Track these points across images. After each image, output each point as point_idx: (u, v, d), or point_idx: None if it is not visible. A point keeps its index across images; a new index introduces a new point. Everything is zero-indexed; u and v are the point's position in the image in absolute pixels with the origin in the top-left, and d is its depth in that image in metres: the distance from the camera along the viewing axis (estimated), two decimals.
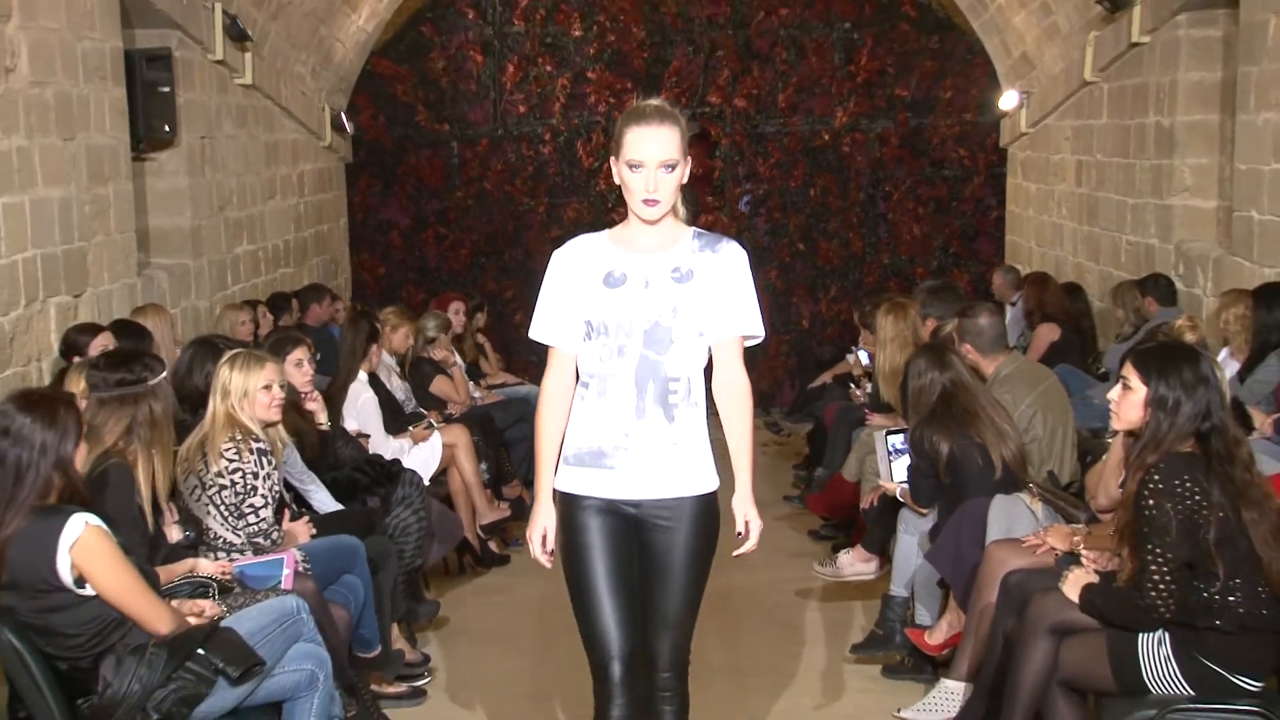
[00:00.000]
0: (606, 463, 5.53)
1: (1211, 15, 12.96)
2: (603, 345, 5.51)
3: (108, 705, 5.67)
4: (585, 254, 5.64)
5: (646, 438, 5.49)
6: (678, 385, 5.50)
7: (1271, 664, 5.82)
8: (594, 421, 5.55)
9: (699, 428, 5.60)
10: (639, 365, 5.47)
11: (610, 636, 5.49)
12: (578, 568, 5.58)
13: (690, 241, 5.61)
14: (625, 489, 5.53)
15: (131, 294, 11.80)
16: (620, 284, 5.53)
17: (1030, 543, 7.14)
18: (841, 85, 19.11)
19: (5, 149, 9.73)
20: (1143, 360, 6.08)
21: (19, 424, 5.78)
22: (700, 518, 5.59)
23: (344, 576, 7.60)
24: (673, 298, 5.49)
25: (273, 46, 15.42)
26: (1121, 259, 14.70)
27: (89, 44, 11.06)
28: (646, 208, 5.46)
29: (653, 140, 5.40)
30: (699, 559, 5.63)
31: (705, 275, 5.54)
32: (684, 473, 5.55)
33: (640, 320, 5.46)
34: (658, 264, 5.54)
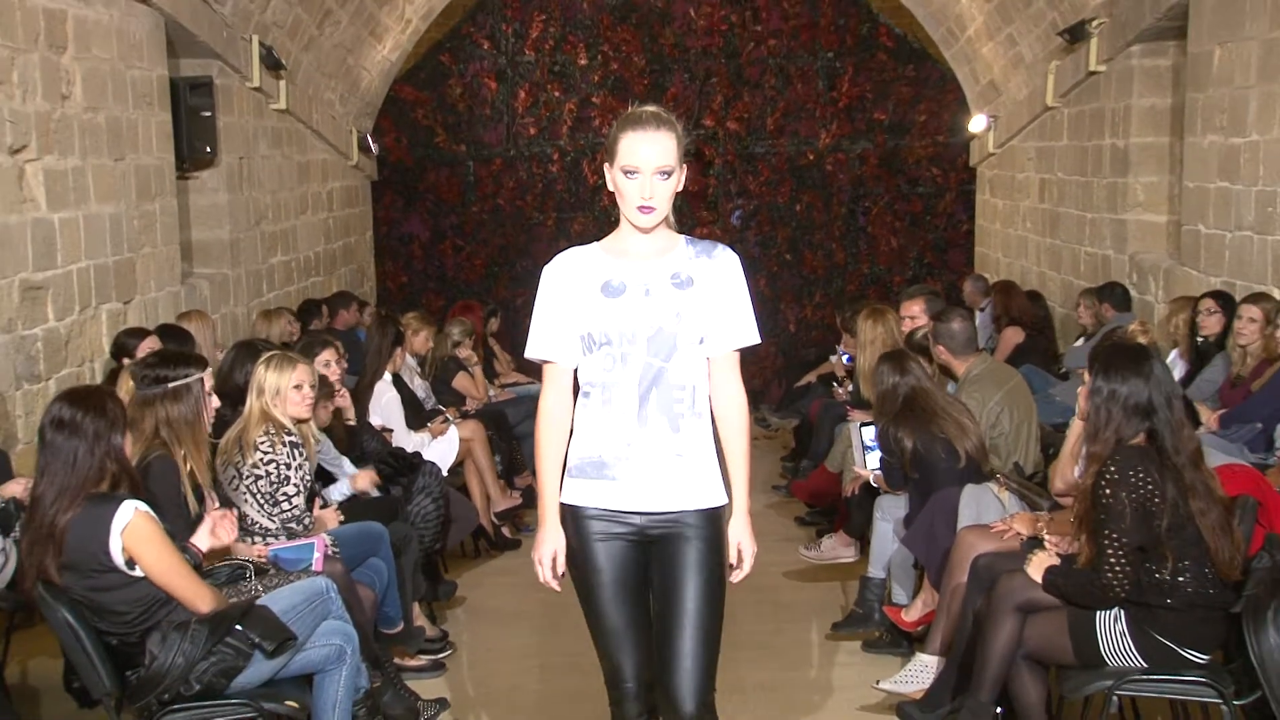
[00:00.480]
0: (608, 473, 4.99)
1: (1162, 46, 12.99)
2: (605, 355, 4.97)
3: (154, 677, 5.67)
4: (579, 267, 5.07)
5: (649, 448, 4.95)
6: (683, 394, 4.98)
7: (1217, 639, 5.82)
8: (596, 430, 5.01)
9: (705, 440, 5.06)
10: (642, 372, 4.93)
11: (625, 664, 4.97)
12: (587, 594, 5.05)
13: (685, 248, 5.11)
14: (626, 500, 4.97)
15: (176, 301, 11.82)
16: (620, 293, 4.97)
17: (998, 528, 7.16)
18: (825, 110, 19.13)
19: (62, 169, 9.76)
20: (1093, 357, 6.13)
21: (73, 416, 5.79)
22: (707, 534, 5.03)
23: (369, 559, 7.60)
24: (675, 303, 4.96)
25: (305, 75, 15.42)
26: (1081, 269, 14.71)
27: (137, 73, 11.07)
28: (641, 215, 4.94)
29: (649, 146, 4.89)
30: (710, 579, 5.02)
31: (704, 282, 5.04)
32: (688, 485, 5.00)
33: (644, 327, 4.92)
34: (656, 271, 5.02)
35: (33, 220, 9.42)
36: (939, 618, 7.30)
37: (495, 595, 9.91)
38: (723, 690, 4.44)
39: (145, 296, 11.25)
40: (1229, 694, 5.76)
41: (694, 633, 4.95)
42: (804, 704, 7.69)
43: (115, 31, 10.66)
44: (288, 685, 5.95)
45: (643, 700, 4.99)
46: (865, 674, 7.90)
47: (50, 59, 9.65)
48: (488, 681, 8.15)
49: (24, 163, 9.30)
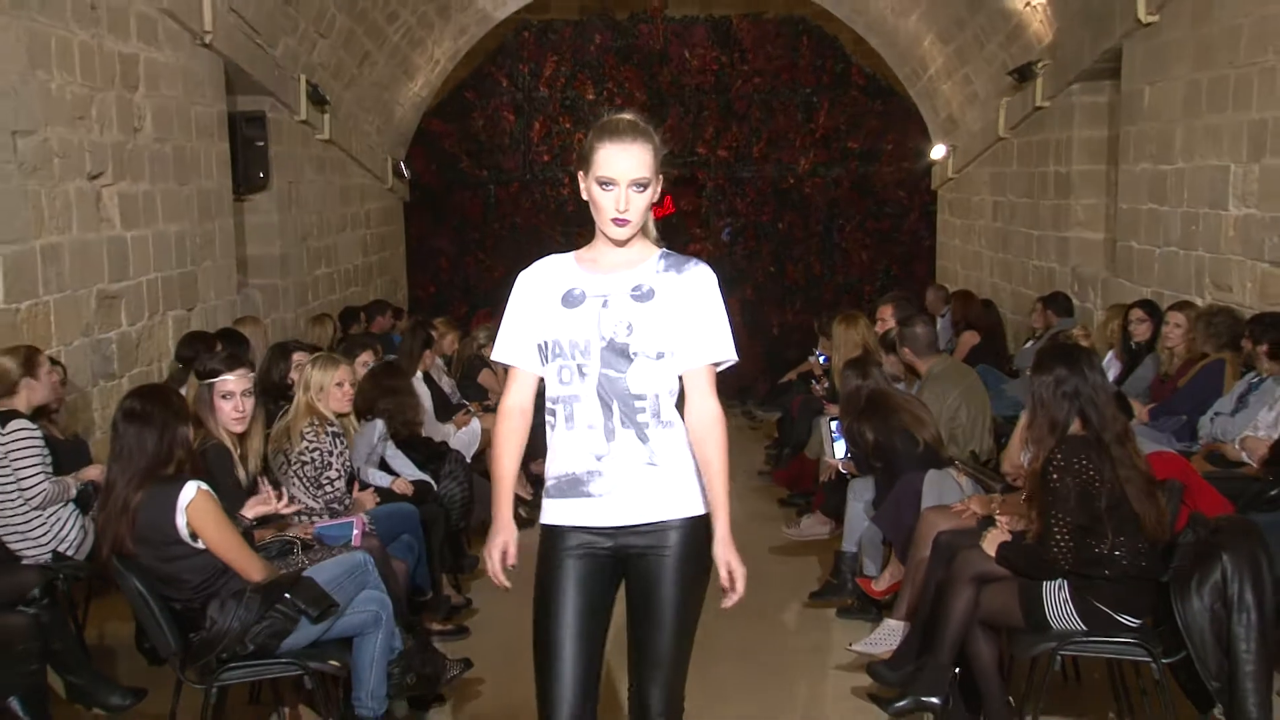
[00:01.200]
0: (583, 490, 4.42)
1: (1099, 85, 13.03)
2: (560, 366, 4.43)
3: (213, 638, 5.68)
4: (548, 274, 4.58)
5: (620, 460, 4.38)
6: (644, 404, 4.37)
7: (1148, 606, 5.82)
8: (565, 449, 4.45)
9: (678, 448, 4.44)
10: (599, 384, 4.37)
11: (562, 694, 4.36)
12: (543, 616, 4.48)
13: (655, 261, 4.52)
14: (604, 515, 4.40)
15: (232, 308, 11.84)
16: (579, 302, 4.43)
17: (956, 509, 7.18)
18: (804, 139, 19.15)
19: (134, 192, 9.80)
20: (1035, 356, 6.15)
21: (143, 409, 5.81)
22: (687, 543, 4.45)
23: (402, 536, 7.61)
24: (628, 314, 4.37)
25: (346, 109, 15.43)
26: (1029, 280, 14.71)
27: (200, 108, 11.10)
28: (615, 227, 4.42)
29: (625, 158, 4.37)
30: (687, 589, 4.45)
31: (667, 296, 4.42)
32: (665, 495, 4.41)
33: (595, 338, 4.36)
34: (619, 282, 4.45)
35: (108, 238, 9.44)
36: (905, 587, 7.30)
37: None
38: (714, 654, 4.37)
39: (206, 304, 11.27)
40: (1158, 654, 5.77)
41: (670, 645, 4.40)
42: (786, 664, 7.69)
43: (181, 72, 10.69)
44: (330, 646, 5.96)
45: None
46: (840, 637, 7.91)
47: (124, 97, 9.67)
48: (506, 644, 8.15)
49: (101, 188, 9.33)
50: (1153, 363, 9.99)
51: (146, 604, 5.69)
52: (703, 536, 4.48)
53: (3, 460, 7.08)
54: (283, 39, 12.91)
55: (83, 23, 9.07)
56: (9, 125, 8.14)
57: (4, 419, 7.12)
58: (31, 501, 7.13)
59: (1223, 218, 10.01)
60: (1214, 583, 5.60)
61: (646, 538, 4.42)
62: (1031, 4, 13.29)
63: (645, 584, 4.43)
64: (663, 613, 4.39)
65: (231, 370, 6.59)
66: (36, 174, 8.45)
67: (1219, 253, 10.09)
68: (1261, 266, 9.45)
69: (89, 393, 9.18)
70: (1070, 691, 6.95)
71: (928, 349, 9.23)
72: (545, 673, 4.39)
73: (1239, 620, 5.54)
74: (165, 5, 10.21)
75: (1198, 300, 10.17)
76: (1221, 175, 10.01)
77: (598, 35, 19.03)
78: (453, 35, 17.65)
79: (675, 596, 4.41)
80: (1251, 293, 9.58)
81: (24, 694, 5.79)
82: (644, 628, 4.41)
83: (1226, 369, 9.04)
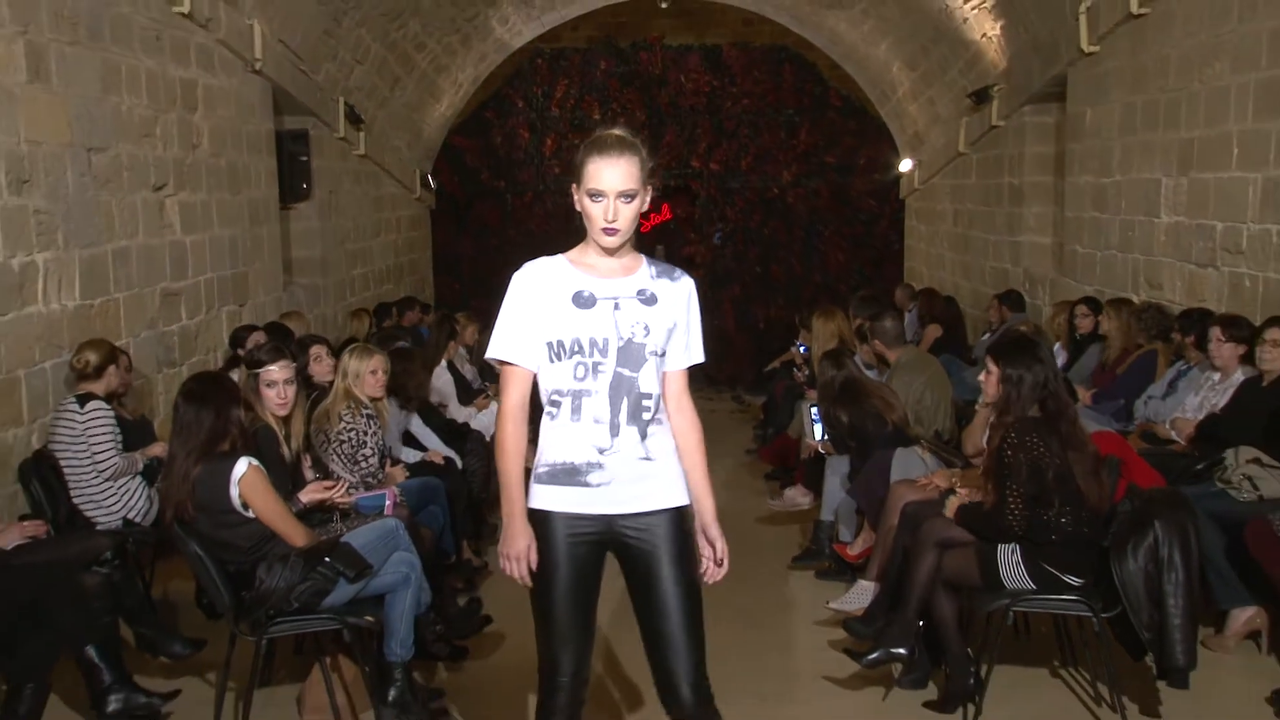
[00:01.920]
0: (580, 479, 4.26)
1: (1047, 107, 13.06)
2: (576, 364, 4.25)
3: (263, 596, 5.70)
4: (548, 276, 4.37)
5: (621, 454, 4.25)
6: (649, 402, 4.28)
7: (1090, 567, 5.84)
8: (566, 440, 4.29)
9: (669, 443, 4.36)
10: (613, 382, 4.24)
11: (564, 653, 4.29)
12: (543, 590, 4.32)
13: (647, 268, 4.41)
14: (600, 504, 4.26)
15: (279, 304, 11.87)
16: (591, 304, 4.26)
17: (922, 482, 7.19)
18: (786, 154, 19.13)
19: (193, 201, 9.84)
20: (996, 351, 6.14)
21: (201, 392, 5.85)
22: (679, 528, 4.34)
23: (429, 506, 7.62)
24: (643, 317, 4.27)
25: (379, 127, 15.44)
26: (986, 279, 14.72)
27: (251, 127, 11.12)
28: (606, 236, 4.28)
29: (612, 171, 4.25)
30: (686, 569, 4.34)
31: (666, 301, 4.34)
32: (659, 487, 4.30)
33: (614, 338, 4.23)
34: (623, 287, 4.32)
35: (170, 242, 9.48)
36: (876, 552, 7.32)
37: None
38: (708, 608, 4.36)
39: (255, 301, 11.29)
40: (1097, 609, 5.79)
41: (681, 623, 4.28)
42: (770, 621, 7.70)
43: (234, 95, 10.72)
44: (366, 603, 5.97)
45: (573, 694, 4.32)
46: (818, 597, 7.92)
47: (185, 117, 9.71)
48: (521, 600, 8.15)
49: (164, 198, 9.36)
50: (1095, 352, 10.02)
51: (204, 565, 5.73)
52: (688, 523, 4.38)
53: (80, 437, 7.21)
54: (324, 65, 12.92)
55: (149, 52, 9.10)
56: (85, 143, 8.18)
57: (83, 400, 7.27)
58: (104, 473, 7.26)
59: (1155, 224, 10.04)
60: (1147, 546, 5.62)
61: (637, 526, 4.29)
62: (988, 35, 13.29)
63: (646, 578, 4.32)
64: (669, 599, 4.28)
65: (275, 362, 6.60)
66: (108, 186, 8.48)
67: (1152, 255, 10.12)
68: (1189, 268, 9.48)
69: (153, 379, 9.21)
70: (1021, 643, 6.98)
71: (896, 340, 9.26)
72: (548, 638, 4.32)
73: (1169, 579, 5.57)
74: (221, 36, 10.24)
75: (1134, 298, 10.20)
76: (1154, 187, 10.04)
77: (603, 61, 19.01)
78: (474, 62, 17.67)
79: (678, 577, 4.31)
80: (1181, 291, 9.61)
81: (100, 643, 5.83)
82: (657, 618, 4.29)
83: (1159, 358, 9.08)
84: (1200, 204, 9.30)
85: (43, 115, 7.69)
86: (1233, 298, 8.82)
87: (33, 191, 7.54)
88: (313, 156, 13.08)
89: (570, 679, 4.30)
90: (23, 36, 7.44)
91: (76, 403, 7.29)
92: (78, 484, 7.27)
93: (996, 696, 6.06)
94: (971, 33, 13.61)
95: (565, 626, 4.29)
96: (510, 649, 7.18)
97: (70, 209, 7.99)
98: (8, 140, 7.30)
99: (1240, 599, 6.68)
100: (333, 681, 6.04)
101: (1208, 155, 9.20)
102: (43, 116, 7.69)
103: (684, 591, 4.31)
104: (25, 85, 7.48)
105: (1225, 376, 7.95)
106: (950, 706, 6.12)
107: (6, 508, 7.22)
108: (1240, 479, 6.91)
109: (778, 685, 6.62)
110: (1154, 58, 9.99)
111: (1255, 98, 8.53)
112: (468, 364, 11.63)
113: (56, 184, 7.83)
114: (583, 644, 4.33)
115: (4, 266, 7.26)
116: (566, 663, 4.30)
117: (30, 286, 7.54)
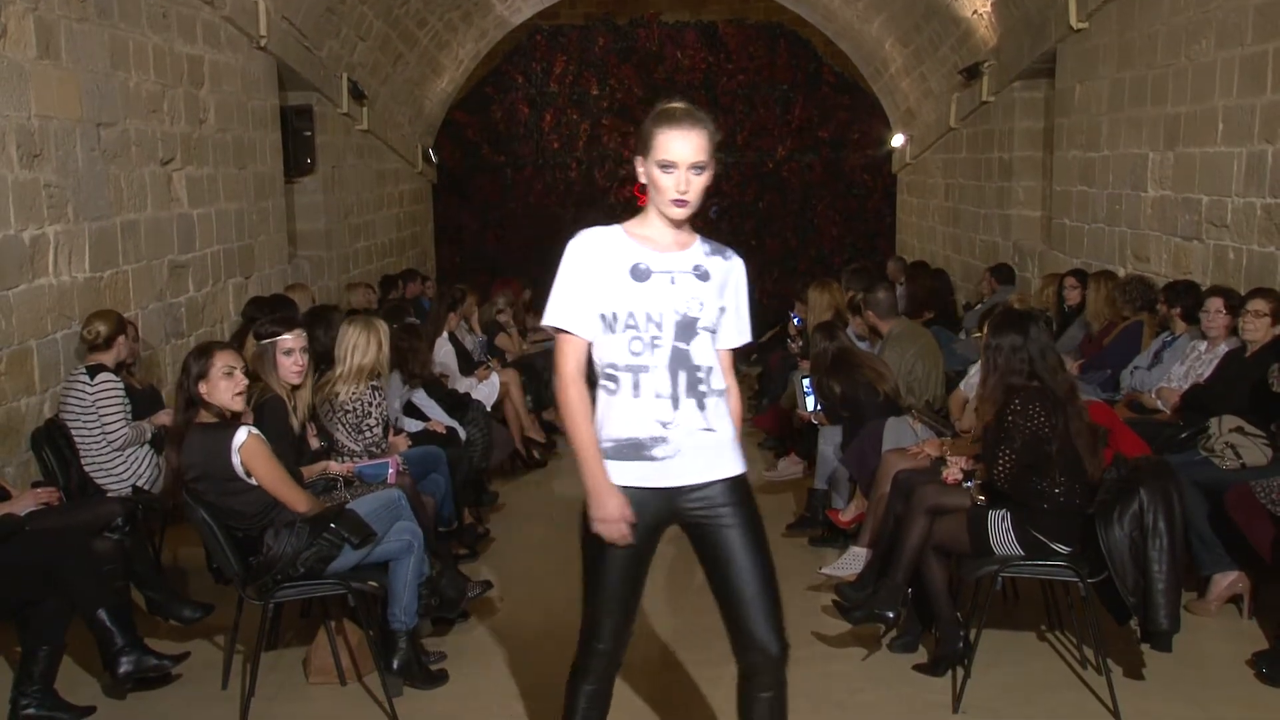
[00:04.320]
0: (646, 453, 4.18)
1: (1036, 83, 13.06)
2: (632, 338, 4.18)
3: (270, 562, 5.72)
4: (605, 246, 4.24)
5: (683, 427, 4.19)
6: (704, 375, 4.21)
7: (1077, 534, 5.85)
8: (628, 414, 4.20)
9: (725, 413, 4.30)
10: (671, 356, 4.17)
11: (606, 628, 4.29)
12: (598, 557, 4.25)
13: (700, 245, 4.35)
14: (665, 477, 4.20)
15: (284, 276, 11.89)
16: (647, 277, 4.18)
17: (913, 451, 7.22)
18: (781, 129, 19.13)
19: (199, 176, 9.85)
20: (989, 323, 6.17)
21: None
22: (743, 493, 4.33)
23: (431, 475, 7.63)
24: (698, 292, 4.22)
25: (382, 103, 15.42)
26: (976, 252, 14.74)
27: (256, 102, 11.12)
28: (676, 208, 4.17)
29: (684, 142, 4.13)
30: (757, 533, 4.32)
31: (718, 278, 4.31)
32: (720, 457, 4.27)
33: (670, 313, 4.17)
34: (678, 261, 4.25)
35: (177, 215, 9.48)
36: (868, 519, 7.34)
37: (526, 502, 9.93)
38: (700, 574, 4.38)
39: (261, 273, 11.31)
40: (1084, 574, 5.81)
41: (757, 584, 4.26)
42: None
43: (240, 71, 10.70)
44: (370, 569, 5.99)
45: (610, 659, 4.33)
46: (811, 563, 7.94)
47: (191, 93, 9.70)
48: (521, 566, 8.20)
49: (171, 172, 9.36)
50: (1082, 324, 10.05)
51: (212, 532, 5.75)
52: (748, 488, 4.37)
53: (90, 408, 7.23)
54: (327, 42, 12.90)
55: (156, 29, 9.09)
56: (94, 118, 8.17)
57: (93, 372, 7.28)
58: (114, 443, 7.29)
59: (1142, 198, 10.05)
60: (1133, 513, 5.64)
61: (703, 498, 4.25)
62: (978, 12, 13.28)
63: (720, 548, 4.29)
64: (747, 566, 4.26)
65: (289, 330, 6.62)
66: (117, 160, 8.48)
67: (1139, 229, 10.13)
68: (1175, 240, 9.49)
69: (161, 350, 9.23)
70: (1009, 608, 7.00)
71: (888, 312, 9.26)
72: (594, 606, 4.30)
73: (1153, 545, 5.59)
74: (226, 13, 10.22)
75: (1120, 270, 10.22)
76: (1141, 162, 10.04)
77: (601, 38, 19.00)
78: (474, 38, 17.63)
79: (752, 543, 4.29)
80: (1167, 263, 9.63)
81: (111, 608, 5.86)
82: (738, 585, 4.27)
83: (1144, 329, 9.10)
84: (1186, 178, 9.31)
85: (53, 91, 7.69)
86: (1217, 270, 8.85)
87: (43, 165, 7.54)
88: (316, 132, 13.07)
89: (609, 646, 4.31)
90: (33, 13, 7.43)
91: (87, 374, 7.29)
92: (88, 453, 7.30)
93: (985, 660, 6.09)
94: (963, 10, 13.60)
95: (614, 599, 4.27)
96: (510, 613, 7.22)
97: (80, 183, 7.99)
98: (18, 115, 7.30)
99: (1222, 564, 6.71)
100: (337, 645, 6.08)
101: (1194, 130, 9.20)
102: (53, 92, 7.69)
103: (760, 557, 4.30)
104: (35, 61, 7.47)
105: (1212, 347, 7.97)
106: (940, 669, 6.14)
107: (20, 475, 7.25)
108: (1224, 447, 6.94)
109: None
110: (1141, 34, 9.99)
111: (1240, 73, 8.53)
112: (469, 335, 11.64)
113: (66, 158, 7.84)
114: (627, 617, 4.32)
115: (15, 239, 7.27)
116: (608, 632, 4.29)
117: (41, 259, 7.55)
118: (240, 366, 6.03)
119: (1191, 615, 6.63)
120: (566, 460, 11.28)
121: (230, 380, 5.92)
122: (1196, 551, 6.67)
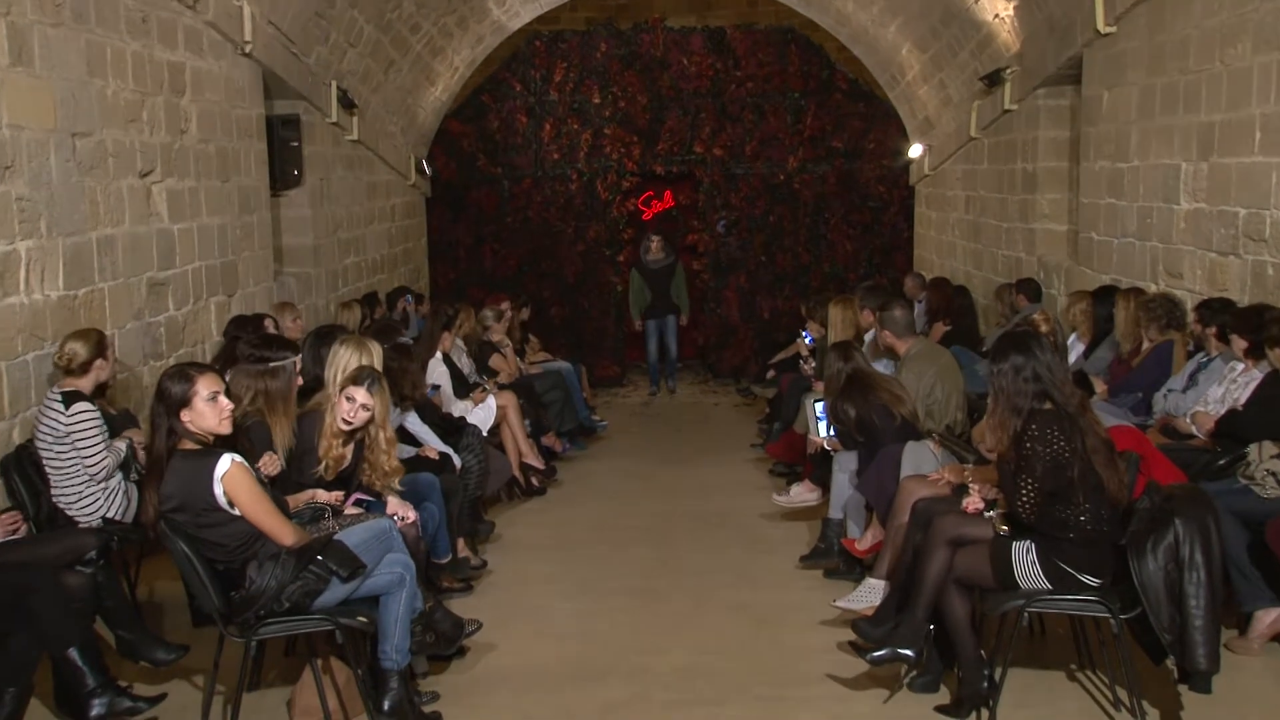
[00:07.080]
0: None
1: (1062, 90, 13.01)
2: None
3: (252, 596, 5.69)
4: None
5: None
6: None
7: (1108, 566, 5.83)
8: None
9: None
10: None
11: None
12: None
13: None
14: None
15: (269, 294, 11.84)
16: None
17: (933, 478, 7.17)
18: (792, 139, 19.07)
19: (180, 189, 9.80)
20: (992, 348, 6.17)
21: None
22: None
23: (424, 503, 7.60)
24: None
25: (373, 112, 15.41)
26: (999, 268, 14.70)
27: (240, 111, 11.08)
28: None
29: None
30: None
31: None
32: None
33: None
34: None
35: (157, 230, 9.44)
36: (885, 550, 7.31)
37: (524, 533, 9.90)
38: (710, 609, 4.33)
39: (245, 291, 11.26)
40: (1116, 610, 5.78)
41: None
42: (777, 619, 7.69)
43: (224, 79, 10.68)
44: (359, 604, 5.96)
45: None
46: (825, 595, 7.90)
47: (172, 101, 9.67)
48: (519, 601, 8.16)
49: (151, 184, 9.32)
50: (1111, 344, 10.00)
51: (191, 565, 5.72)
52: None
53: (64, 439, 7.16)
54: (315, 48, 12.88)
55: (135, 34, 9.06)
56: (69, 128, 8.14)
57: (68, 400, 7.19)
58: (96, 476, 7.22)
59: (1174, 211, 10.01)
60: (1167, 545, 5.61)
61: None
62: (1000, 15, 13.26)
63: None
64: None
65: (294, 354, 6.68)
66: (93, 172, 8.45)
67: (1171, 243, 10.09)
68: (1210, 256, 9.44)
69: (139, 371, 9.18)
70: (1036, 645, 6.97)
71: (906, 331, 9.24)
72: None
73: (1190, 579, 5.55)
74: (209, 18, 10.20)
75: (1151, 287, 10.18)
76: (1173, 173, 10.00)
77: (603, 44, 18.97)
78: (470, 44, 17.62)
79: None
80: (1201, 280, 9.58)
81: (82, 646, 5.81)
82: None
83: (1175, 349, 9.06)
84: (1221, 190, 9.27)
85: (26, 99, 7.65)
86: (1255, 286, 8.79)
87: (15, 178, 7.50)
88: (304, 142, 13.03)
89: None
90: (5, 18, 7.40)
91: (62, 402, 7.19)
92: (59, 483, 7.22)
93: (1011, 700, 6.05)
94: (984, 14, 13.57)
95: None
96: (504, 652, 7.17)
97: (54, 196, 7.96)
98: None
99: (1265, 599, 6.65)
100: (324, 684, 6.03)
101: (1229, 139, 9.16)
102: (26, 101, 7.65)
103: None
104: (7, 69, 7.44)
105: (1250, 368, 7.92)
106: (963, 710, 6.10)
107: None
108: (1264, 475, 6.88)
109: (783, 687, 6.60)
110: (1173, 38, 9.95)
111: (1279, 79, 8.49)
112: (465, 357, 11.61)
113: (40, 170, 7.80)
114: None
115: None
116: None
117: (12, 276, 7.50)
118: (222, 389, 5.99)
119: (1232, 654, 6.58)
120: (566, 487, 11.25)
121: (214, 405, 5.89)
122: (1236, 585, 6.62)
